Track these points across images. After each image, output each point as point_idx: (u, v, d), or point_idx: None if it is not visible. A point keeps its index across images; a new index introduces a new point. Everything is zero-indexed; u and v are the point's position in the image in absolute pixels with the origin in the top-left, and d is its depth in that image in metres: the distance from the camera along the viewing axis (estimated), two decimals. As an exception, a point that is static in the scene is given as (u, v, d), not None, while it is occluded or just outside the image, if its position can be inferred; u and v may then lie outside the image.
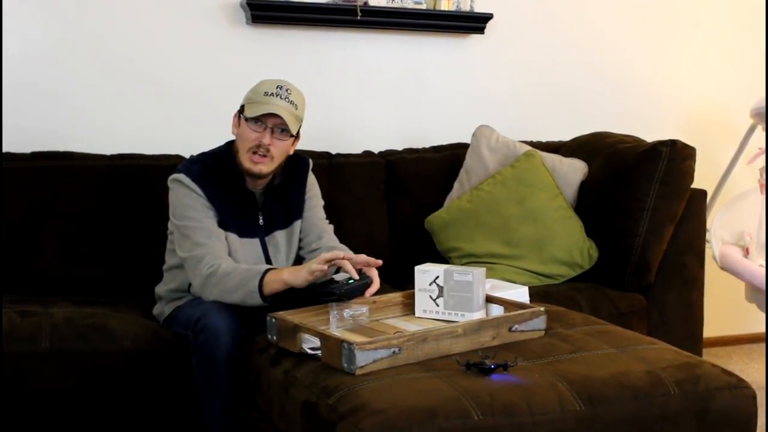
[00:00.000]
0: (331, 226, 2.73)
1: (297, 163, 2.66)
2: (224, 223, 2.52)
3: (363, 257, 2.40)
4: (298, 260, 2.70)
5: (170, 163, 3.00)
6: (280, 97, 2.47)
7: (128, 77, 3.32)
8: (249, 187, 2.57)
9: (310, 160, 2.74)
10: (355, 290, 2.30)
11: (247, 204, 2.56)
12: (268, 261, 2.59)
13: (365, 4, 3.47)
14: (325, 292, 2.29)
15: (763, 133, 3.75)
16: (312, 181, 2.73)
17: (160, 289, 2.69)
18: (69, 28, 3.23)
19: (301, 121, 2.55)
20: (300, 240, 2.68)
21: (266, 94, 2.47)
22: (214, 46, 3.41)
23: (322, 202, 2.75)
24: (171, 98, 3.37)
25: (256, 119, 2.47)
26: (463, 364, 1.97)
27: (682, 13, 4.07)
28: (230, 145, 2.61)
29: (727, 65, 4.14)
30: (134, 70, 3.32)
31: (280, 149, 2.51)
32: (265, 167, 2.51)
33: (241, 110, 2.53)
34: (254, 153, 2.49)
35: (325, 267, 2.31)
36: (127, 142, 3.26)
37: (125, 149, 3.22)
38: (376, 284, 2.38)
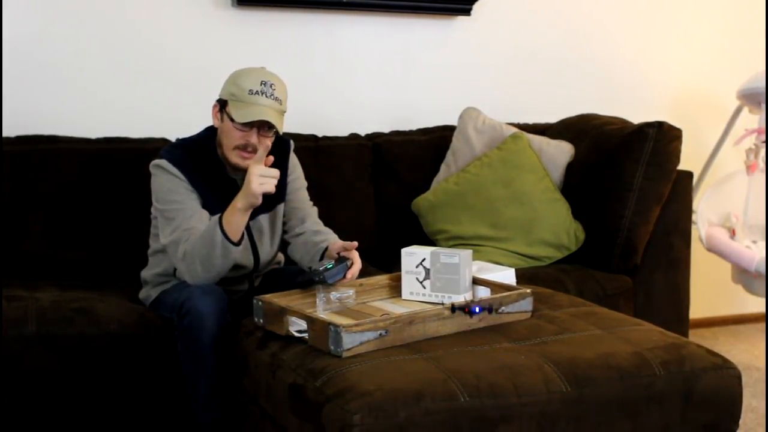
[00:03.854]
0: (315, 209, 2.72)
1: (278, 145, 2.60)
2: (207, 209, 2.50)
3: (338, 243, 2.42)
4: (283, 244, 2.69)
5: (155, 146, 2.98)
6: (266, 95, 2.41)
7: (112, 61, 3.29)
8: (230, 175, 2.56)
9: (292, 142, 2.72)
10: (335, 273, 2.30)
11: (230, 190, 2.52)
12: (253, 245, 2.58)
13: (351, -15, 3.46)
14: (305, 282, 2.32)
15: (750, 115, 3.76)
16: (294, 162, 2.71)
17: (146, 273, 2.68)
18: (52, 11, 3.20)
19: (285, 112, 2.52)
20: (284, 224, 2.67)
21: (251, 92, 2.40)
22: (199, 28, 3.39)
23: (305, 184, 2.73)
24: (156, 81, 3.35)
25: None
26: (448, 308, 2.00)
27: (668, -5, 4.07)
28: (210, 131, 2.58)
29: (714, 47, 4.14)
30: (118, 54, 3.30)
31: (266, 144, 2.49)
32: None
33: (224, 104, 2.47)
34: (241, 150, 2.46)
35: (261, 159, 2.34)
36: (113, 126, 3.25)
37: (110, 133, 3.21)
38: (357, 265, 2.37)
